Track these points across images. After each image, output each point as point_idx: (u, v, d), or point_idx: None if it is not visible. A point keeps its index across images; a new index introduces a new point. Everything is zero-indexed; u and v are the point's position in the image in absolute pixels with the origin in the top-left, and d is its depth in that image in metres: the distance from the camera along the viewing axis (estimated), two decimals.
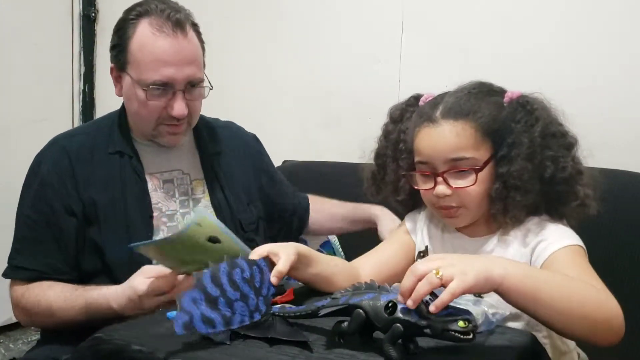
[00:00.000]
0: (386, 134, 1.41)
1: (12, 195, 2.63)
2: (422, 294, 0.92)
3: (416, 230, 1.42)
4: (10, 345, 2.72)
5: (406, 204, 1.42)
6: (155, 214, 1.51)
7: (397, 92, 2.26)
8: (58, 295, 1.41)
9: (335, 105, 2.44)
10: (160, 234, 1.50)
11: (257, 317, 1.02)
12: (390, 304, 0.95)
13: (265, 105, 2.59)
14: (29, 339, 2.75)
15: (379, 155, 1.42)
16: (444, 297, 0.91)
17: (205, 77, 1.51)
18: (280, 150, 2.35)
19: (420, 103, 1.36)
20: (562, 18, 1.97)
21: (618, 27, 1.89)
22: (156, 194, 1.53)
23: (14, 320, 2.79)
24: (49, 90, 2.94)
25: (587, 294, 1.04)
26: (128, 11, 1.48)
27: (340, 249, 2.01)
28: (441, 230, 1.37)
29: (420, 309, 0.92)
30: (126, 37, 1.45)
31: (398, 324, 0.92)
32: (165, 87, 1.44)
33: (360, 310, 0.97)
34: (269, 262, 1.12)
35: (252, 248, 1.56)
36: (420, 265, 0.97)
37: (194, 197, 1.57)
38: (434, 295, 0.95)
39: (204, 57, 1.53)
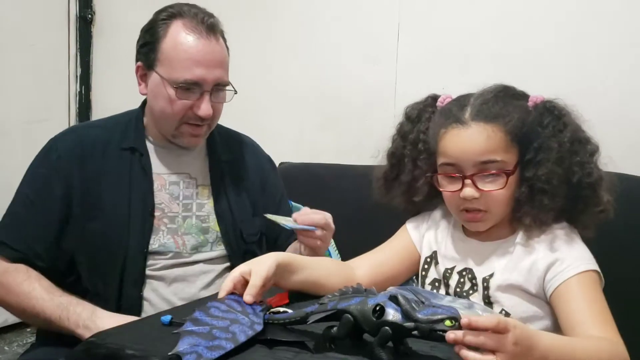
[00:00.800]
0: (403, 133, 1.40)
1: (10, 195, 2.65)
2: (483, 321, 0.90)
3: (422, 236, 1.42)
4: (5, 348, 2.71)
5: (422, 205, 1.40)
6: (157, 213, 1.52)
7: (394, 93, 2.26)
8: (43, 287, 1.41)
9: (332, 106, 2.44)
10: (160, 234, 1.51)
11: (258, 328, 1.02)
12: (377, 308, 0.95)
13: (262, 107, 2.59)
14: (24, 341, 2.75)
15: (394, 154, 1.41)
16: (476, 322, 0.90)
17: (229, 81, 1.54)
18: (278, 151, 2.34)
19: (439, 104, 1.35)
20: (560, 20, 1.97)
21: (618, 28, 1.89)
22: (160, 194, 1.54)
23: (10, 322, 2.81)
24: (46, 92, 2.94)
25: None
26: (159, 12, 1.51)
27: (337, 251, 2.01)
28: (450, 234, 1.37)
29: (407, 311, 0.93)
30: (158, 36, 1.47)
31: (386, 327, 0.93)
32: (195, 87, 1.46)
33: (349, 315, 0.97)
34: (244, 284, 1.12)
35: None
36: (505, 325, 0.91)
37: (198, 201, 1.58)
38: (418, 297, 0.97)
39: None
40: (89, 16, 3.00)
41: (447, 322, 0.91)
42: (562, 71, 1.95)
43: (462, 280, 1.30)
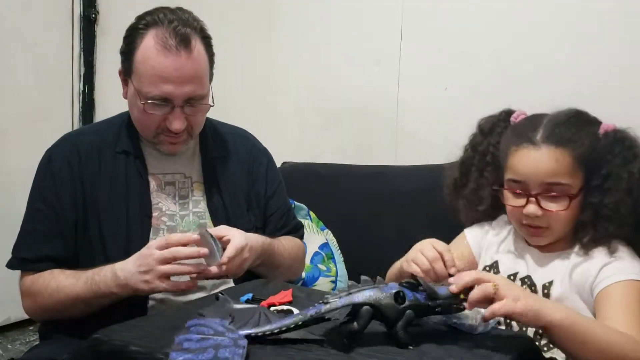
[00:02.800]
0: (474, 144, 1.46)
1: (11, 194, 2.66)
2: (476, 298, 1.05)
3: (481, 242, 1.47)
4: (8, 346, 2.72)
5: (482, 215, 1.46)
6: (155, 213, 1.53)
7: (396, 94, 2.26)
8: (67, 275, 1.43)
9: (335, 107, 2.44)
10: (160, 233, 1.51)
11: (242, 343, 0.98)
12: (401, 294, 1.04)
13: (264, 107, 2.60)
14: (27, 340, 2.75)
15: (464, 163, 1.47)
16: (486, 312, 1.05)
17: (208, 92, 1.51)
18: (280, 151, 2.35)
19: (512, 119, 1.41)
20: (562, 20, 1.97)
21: (619, 29, 1.88)
22: (157, 195, 1.55)
23: (12, 320, 2.81)
24: (49, 91, 2.94)
25: (631, 352, 1.09)
26: (139, 19, 1.48)
27: (339, 250, 2.01)
28: (513, 242, 1.41)
29: (432, 292, 1.05)
30: (133, 47, 1.46)
31: (410, 310, 1.03)
32: (164, 102, 1.45)
33: (368, 307, 1.01)
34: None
35: None
36: (486, 274, 1.10)
37: (193, 199, 1.59)
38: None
39: (212, 68, 1.54)
40: (93, 15, 2.99)
41: (462, 295, 1.06)
42: (564, 72, 1.95)
43: (523, 287, 1.33)
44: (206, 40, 1.50)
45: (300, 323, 1.02)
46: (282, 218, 1.71)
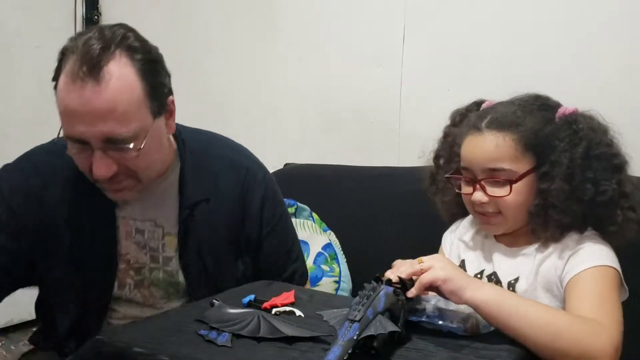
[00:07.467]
0: (445, 135, 1.44)
1: None
2: (404, 273, 1.12)
3: (452, 248, 1.45)
4: (12, 347, 2.72)
5: (449, 206, 1.43)
6: (122, 266, 1.34)
7: (399, 96, 2.27)
8: None
9: (337, 108, 2.44)
10: (126, 288, 1.36)
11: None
12: (397, 292, 1.06)
13: (267, 109, 2.60)
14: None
15: (437, 155, 1.45)
16: (416, 284, 1.10)
17: (140, 133, 1.19)
18: (282, 153, 2.35)
19: (482, 108, 1.38)
20: (565, 22, 1.97)
21: (621, 28, 1.89)
22: (126, 243, 1.34)
23: (16, 321, 2.82)
24: (51, 93, 2.91)
25: (566, 328, 1.07)
26: (68, 41, 1.26)
27: (341, 251, 2.01)
28: (482, 237, 1.38)
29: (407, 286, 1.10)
30: (56, 76, 1.25)
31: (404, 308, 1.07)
32: (83, 144, 1.20)
33: (387, 311, 1.02)
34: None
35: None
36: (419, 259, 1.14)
37: (164, 254, 1.37)
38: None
39: (158, 99, 1.24)
40: (95, 17, 2.99)
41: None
42: (566, 74, 1.95)
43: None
44: (143, 63, 1.20)
45: (350, 351, 0.92)
46: (277, 262, 1.47)
